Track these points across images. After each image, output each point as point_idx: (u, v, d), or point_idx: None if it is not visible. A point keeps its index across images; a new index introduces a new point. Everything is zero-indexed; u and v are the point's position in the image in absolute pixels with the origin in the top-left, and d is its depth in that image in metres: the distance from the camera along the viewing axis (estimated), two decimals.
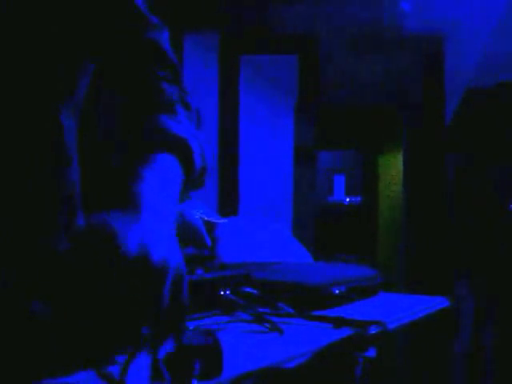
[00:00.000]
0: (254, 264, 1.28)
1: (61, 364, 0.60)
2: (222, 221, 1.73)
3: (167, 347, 0.61)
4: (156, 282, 0.64)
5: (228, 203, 3.77)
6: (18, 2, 0.76)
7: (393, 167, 4.51)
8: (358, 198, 4.57)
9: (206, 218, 1.76)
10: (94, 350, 0.63)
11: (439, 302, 1.14)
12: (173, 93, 0.88)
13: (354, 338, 0.84)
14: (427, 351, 3.61)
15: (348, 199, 4.56)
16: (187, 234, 1.62)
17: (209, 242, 1.55)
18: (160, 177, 0.75)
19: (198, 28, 3.75)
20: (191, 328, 0.78)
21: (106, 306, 0.62)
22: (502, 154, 3.31)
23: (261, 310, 0.93)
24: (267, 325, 0.86)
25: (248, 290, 0.96)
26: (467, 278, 3.42)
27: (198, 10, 3.67)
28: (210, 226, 1.66)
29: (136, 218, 0.67)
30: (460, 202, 3.56)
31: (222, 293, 0.93)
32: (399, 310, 1.05)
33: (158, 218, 0.69)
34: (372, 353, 0.94)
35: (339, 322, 0.88)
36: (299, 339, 0.82)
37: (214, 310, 0.93)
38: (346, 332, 0.85)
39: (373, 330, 0.88)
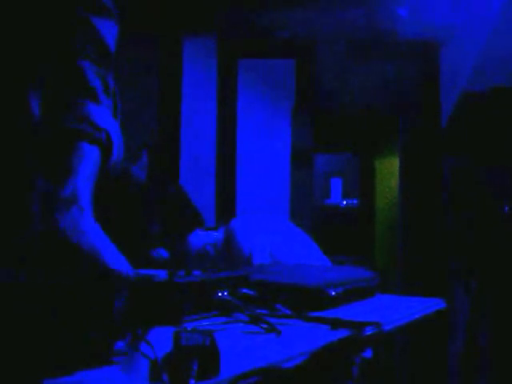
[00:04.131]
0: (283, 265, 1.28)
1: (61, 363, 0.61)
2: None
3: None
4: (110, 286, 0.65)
5: (225, 206, 3.78)
6: None
7: (389, 170, 4.52)
8: (355, 201, 4.58)
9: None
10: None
11: (435, 304, 1.15)
12: (97, 77, 0.85)
13: (350, 339, 0.84)
14: (423, 352, 3.62)
15: (345, 202, 4.56)
16: (233, 253, 1.64)
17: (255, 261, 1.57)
18: (89, 171, 0.75)
19: (197, 33, 3.76)
20: (189, 329, 0.78)
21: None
22: (497, 157, 3.32)
23: (258, 311, 0.94)
24: (265, 326, 0.87)
25: (246, 291, 0.97)
26: (463, 279, 3.43)
27: (196, 15, 3.68)
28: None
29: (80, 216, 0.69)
30: (456, 205, 3.58)
31: (219, 294, 0.93)
32: (395, 311, 1.06)
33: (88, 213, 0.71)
34: (369, 354, 0.94)
35: (336, 323, 0.89)
36: (296, 340, 0.83)
37: (211, 311, 0.93)
38: (343, 333, 0.85)
39: (369, 331, 0.88)
